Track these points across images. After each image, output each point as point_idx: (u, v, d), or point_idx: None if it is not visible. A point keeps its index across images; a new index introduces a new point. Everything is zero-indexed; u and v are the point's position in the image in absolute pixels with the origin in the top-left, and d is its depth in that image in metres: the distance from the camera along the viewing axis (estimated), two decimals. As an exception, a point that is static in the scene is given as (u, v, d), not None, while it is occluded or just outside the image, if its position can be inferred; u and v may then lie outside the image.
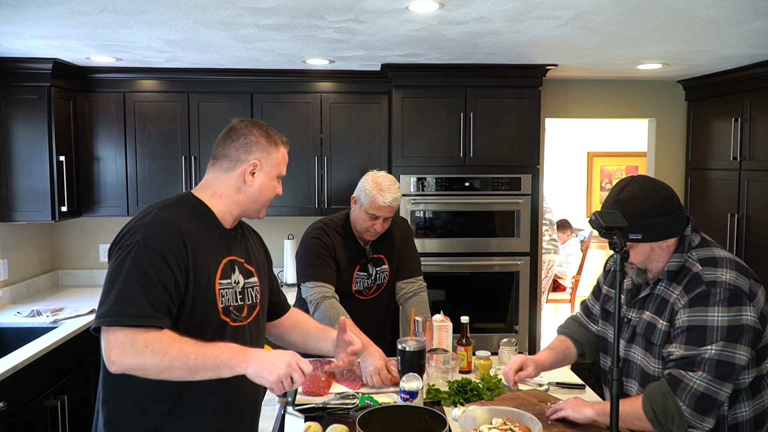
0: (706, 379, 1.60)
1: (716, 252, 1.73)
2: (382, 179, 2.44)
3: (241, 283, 1.64)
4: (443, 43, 3.01)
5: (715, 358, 1.60)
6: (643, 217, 1.71)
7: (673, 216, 1.74)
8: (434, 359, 2.28)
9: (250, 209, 1.68)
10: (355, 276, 2.52)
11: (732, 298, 1.62)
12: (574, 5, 2.35)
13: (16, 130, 3.44)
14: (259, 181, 1.65)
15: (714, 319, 1.62)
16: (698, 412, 1.60)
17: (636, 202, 1.72)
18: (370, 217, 2.42)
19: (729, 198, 3.77)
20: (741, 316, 1.61)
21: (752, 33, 2.77)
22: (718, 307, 1.62)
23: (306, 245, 2.49)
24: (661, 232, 1.72)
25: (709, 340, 1.61)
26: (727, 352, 1.60)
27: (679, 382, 1.63)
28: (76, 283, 4.13)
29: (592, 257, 7.52)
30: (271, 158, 1.66)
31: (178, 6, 2.34)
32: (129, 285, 1.41)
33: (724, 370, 1.60)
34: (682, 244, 1.76)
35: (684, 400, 1.61)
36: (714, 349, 1.60)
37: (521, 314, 3.80)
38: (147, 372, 1.39)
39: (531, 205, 3.76)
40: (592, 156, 7.88)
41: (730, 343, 1.60)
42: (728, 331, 1.60)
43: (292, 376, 1.44)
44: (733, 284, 1.64)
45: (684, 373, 1.62)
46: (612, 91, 4.28)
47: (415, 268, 2.67)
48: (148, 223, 1.49)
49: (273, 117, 3.77)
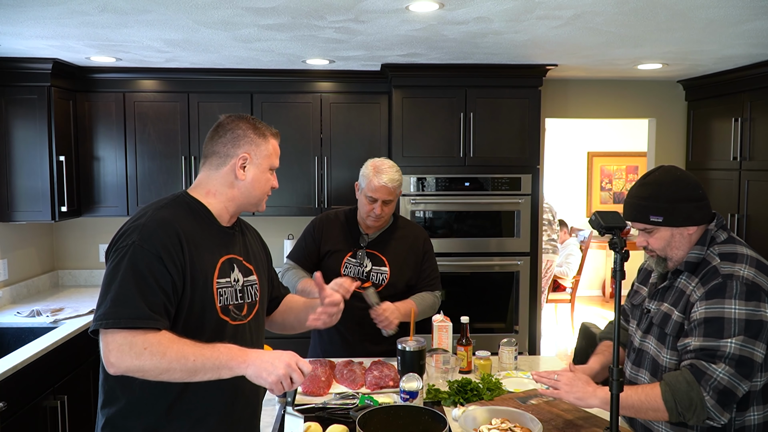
0: (729, 373, 1.59)
1: (739, 249, 1.72)
2: (380, 162, 2.46)
3: (241, 281, 1.64)
4: (443, 43, 3.01)
5: (737, 353, 1.59)
6: (666, 200, 1.72)
7: (695, 204, 1.74)
8: (434, 359, 2.28)
9: (245, 203, 1.67)
10: (345, 261, 2.51)
11: (749, 292, 1.61)
12: (574, 5, 2.35)
13: (16, 130, 3.44)
14: (251, 175, 1.64)
15: (731, 311, 1.61)
16: (720, 405, 1.59)
17: (660, 185, 1.74)
18: (369, 200, 2.43)
19: (729, 198, 3.77)
20: (759, 312, 1.60)
21: (752, 33, 2.77)
22: (735, 300, 1.62)
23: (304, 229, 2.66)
24: (683, 218, 1.73)
25: (728, 332, 1.60)
26: (747, 347, 1.59)
27: (702, 374, 1.61)
28: (76, 283, 4.13)
29: (592, 257, 7.52)
30: (260, 150, 1.64)
31: (178, 6, 2.34)
32: (125, 287, 1.41)
33: (745, 367, 1.59)
34: (705, 237, 1.75)
35: (708, 392, 1.60)
36: (734, 343, 1.59)
37: (521, 314, 3.80)
38: (146, 374, 1.39)
39: (531, 205, 3.75)
40: (592, 156, 7.88)
41: (749, 339, 1.59)
42: (746, 325, 1.60)
43: (291, 376, 1.44)
44: (751, 280, 1.63)
45: (707, 365, 1.61)
46: (612, 91, 4.28)
47: (433, 284, 2.60)
48: (144, 224, 1.49)
49: (273, 117, 3.76)
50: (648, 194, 1.74)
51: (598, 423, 1.89)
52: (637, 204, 1.77)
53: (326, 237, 2.56)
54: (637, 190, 1.79)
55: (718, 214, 1.80)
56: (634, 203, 1.78)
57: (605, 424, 1.71)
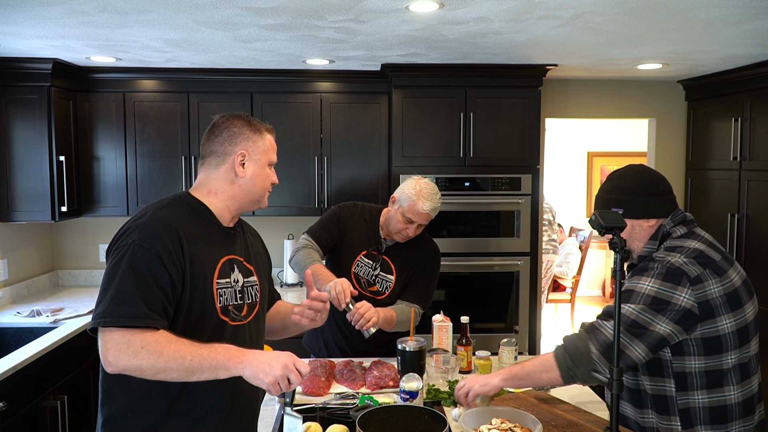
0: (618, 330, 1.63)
1: (688, 243, 1.75)
2: (425, 186, 2.42)
3: (241, 282, 1.64)
4: (443, 43, 3.01)
5: (631, 317, 1.66)
6: (626, 193, 1.83)
7: (655, 198, 1.82)
8: (434, 359, 2.28)
9: (247, 201, 1.67)
10: (359, 259, 2.51)
11: (668, 274, 1.67)
12: (574, 5, 2.35)
13: (16, 130, 3.44)
14: (251, 171, 1.64)
15: (643, 286, 1.69)
16: (606, 358, 1.65)
17: (622, 179, 1.87)
18: (405, 220, 2.41)
19: (729, 198, 3.77)
20: (671, 293, 1.65)
21: (752, 33, 2.77)
22: (651, 279, 1.69)
23: (329, 210, 2.64)
24: (641, 211, 1.81)
25: (633, 300, 1.68)
26: (643, 316, 1.65)
27: (594, 329, 1.71)
28: (76, 283, 4.13)
29: (592, 257, 7.52)
30: (257, 146, 1.65)
31: (178, 6, 2.34)
32: (125, 285, 1.41)
33: (637, 329, 1.65)
34: (658, 232, 1.82)
35: (594, 343, 1.67)
36: (632, 308, 1.67)
37: (521, 314, 3.80)
38: (143, 373, 1.39)
39: (531, 205, 3.75)
40: (592, 156, 7.88)
41: (649, 309, 1.65)
42: (652, 300, 1.66)
43: (288, 377, 1.44)
44: (677, 266, 1.68)
45: (600, 322, 1.71)
46: (612, 91, 4.28)
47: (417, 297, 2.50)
48: (144, 224, 1.49)
49: (273, 117, 3.76)
50: (611, 188, 1.87)
51: (598, 423, 1.89)
52: (601, 197, 1.90)
53: (350, 230, 2.55)
54: (603, 185, 1.92)
55: (679, 210, 1.85)
56: (599, 197, 1.91)
57: (605, 424, 1.71)
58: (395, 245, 2.53)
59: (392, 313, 2.39)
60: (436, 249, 2.61)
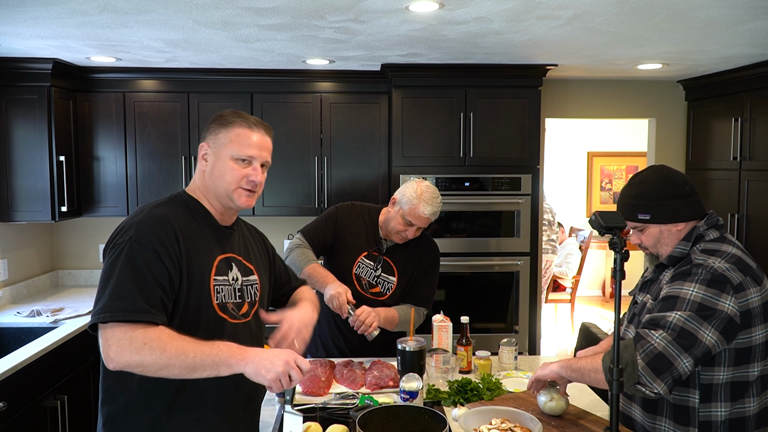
0: (666, 340, 1.60)
1: (724, 247, 1.71)
2: (427, 190, 2.40)
3: (240, 281, 1.64)
4: (443, 43, 3.01)
5: (679, 324, 1.60)
6: (652, 198, 1.77)
7: (683, 201, 1.76)
8: (434, 359, 2.28)
9: (218, 194, 1.62)
10: (359, 260, 2.50)
11: (713, 281, 1.62)
12: (574, 5, 2.35)
13: (16, 130, 3.44)
14: (210, 163, 1.62)
15: (688, 291, 1.64)
16: (651, 370, 1.60)
17: (647, 184, 1.80)
18: (405, 222, 2.40)
19: (729, 198, 3.77)
20: (717, 300, 1.61)
21: (752, 33, 2.77)
22: (696, 284, 1.64)
23: (326, 210, 2.64)
24: (669, 215, 1.76)
25: (678, 307, 1.63)
26: (691, 323, 1.60)
27: (641, 338, 1.65)
28: (76, 283, 4.13)
29: (592, 257, 7.53)
30: (218, 138, 1.62)
31: (178, 6, 2.34)
32: (123, 281, 1.42)
33: (686, 339, 1.59)
34: (691, 234, 1.76)
35: (641, 354, 1.62)
36: (679, 315, 1.61)
37: (521, 314, 3.80)
38: (145, 369, 1.39)
39: (531, 205, 3.75)
40: (592, 156, 7.88)
41: (697, 317, 1.60)
42: (699, 306, 1.61)
43: (290, 374, 1.44)
44: (720, 271, 1.63)
45: (648, 332, 1.65)
46: (612, 91, 4.28)
47: (420, 299, 2.52)
48: (141, 221, 1.50)
49: (273, 117, 3.77)
50: (635, 193, 1.80)
51: (598, 423, 1.89)
52: (625, 203, 1.83)
53: (347, 231, 2.53)
54: (625, 189, 1.85)
55: (713, 213, 1.80)
56: (623, 202, 1.84)
57: (605, 424, 1.71)
58: (396, 246, 2.53)
59: (394, 313, 2.40)
60: (437, 249, 2.62)
